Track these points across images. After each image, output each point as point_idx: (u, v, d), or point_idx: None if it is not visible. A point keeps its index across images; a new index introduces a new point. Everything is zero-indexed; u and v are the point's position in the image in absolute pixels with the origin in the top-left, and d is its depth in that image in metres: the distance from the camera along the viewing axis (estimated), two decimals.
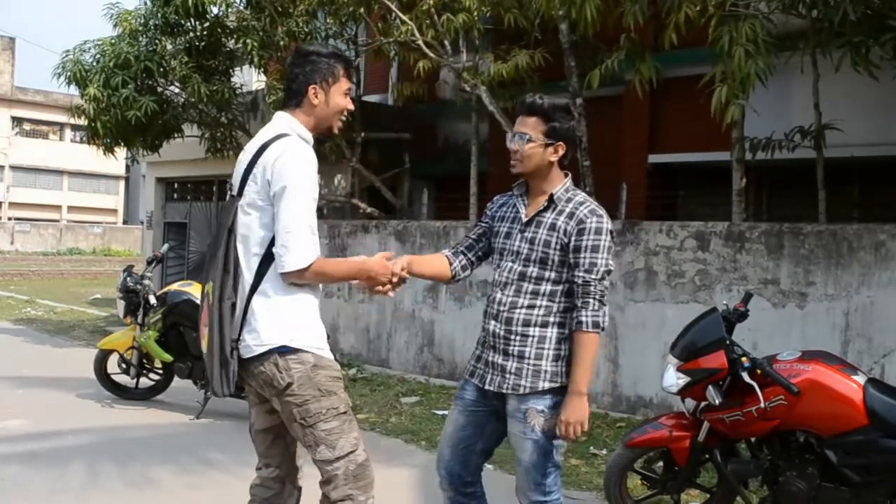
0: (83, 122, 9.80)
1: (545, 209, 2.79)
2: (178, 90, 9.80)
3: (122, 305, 6.79)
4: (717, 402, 3.58)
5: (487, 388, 2.80)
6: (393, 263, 2.78)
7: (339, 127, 2.82)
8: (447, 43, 8.66)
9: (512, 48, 8.41)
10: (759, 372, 3.50)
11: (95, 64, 9.28)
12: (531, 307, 2.75)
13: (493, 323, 2.81)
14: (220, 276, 2.60)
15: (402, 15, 8.72)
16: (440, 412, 6.46)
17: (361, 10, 9.17)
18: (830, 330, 5.57)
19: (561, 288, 2.74)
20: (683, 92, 7.51)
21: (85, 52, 9.50)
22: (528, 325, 2.74)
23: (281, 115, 2.74)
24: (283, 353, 2.57)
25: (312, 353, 2.61)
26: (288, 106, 2.74)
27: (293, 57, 2.75)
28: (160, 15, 9.09)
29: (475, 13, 8.33)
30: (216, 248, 2.65)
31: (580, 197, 2.81)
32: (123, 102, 8.95)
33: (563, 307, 2.75)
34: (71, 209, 44.72)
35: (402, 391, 7.42)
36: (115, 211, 46.75)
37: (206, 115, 10.06)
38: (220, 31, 9.51)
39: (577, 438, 2.68)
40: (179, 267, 13.41)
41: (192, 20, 9.27)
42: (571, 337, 2.72)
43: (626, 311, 6.61)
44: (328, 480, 2.63)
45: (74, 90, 9.68)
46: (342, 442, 2.62)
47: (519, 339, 2.75)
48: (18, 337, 10.52)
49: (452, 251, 3.02)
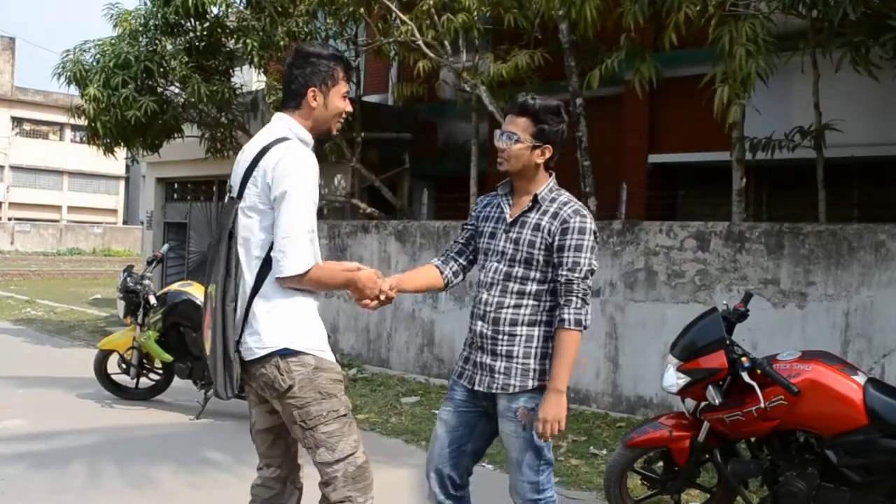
0: (83, 122, 9.81)
1: (529, 209, 2.81)
2: (178, 90, 9.80)
3: (122, 305, 6.78)
4: (717, 402, 3.58)
5: (477, 388, 2.82)
6: (382, 281, 2.77)
7: (337, 128, 2.82)
8: (447, 43, 8.67)
9: (512, 48, 8.41)
10: (759, 372, 3.50)
11: (95, 64, 9.28)
12: (518, 307, 2.77)
13: (480, 323, 2.82)
14: (222, 278, 2.60)
15: (402, 15, 8.73)
16: None
17: (361, 10, 9.18)
18: (830, 330, 5.57)
19: (546, 287, 2.76)
20: (683, 92, 7.52)
21: (85, 52, 9.51)
22: (515, 324, 2.76)
23: (280, 116, 2.74)
24: (284, 355, 2.57)
25: (314, 355, 2.61)
26: (287, 107, 2.73)
27: (293, 57, 2.74)
28: (160, 15, 9.09)
29: (475, 13, 8.34)
30: (218, 250, 2.66)
31: (564, 197, 2.83)
32: (123, 102, 8.95)
33: (549, 306, 2.77)
34: (71, 209, 44.72)
35: (402, 391, 7.42)
36: (115, 211, 46.74)
37: (206, 115, 10.06)
38: (220, 31, 9.51)
39: (554, 436, 2.70)
40: (179, 267, 13.40)
41: (192, 20, 9.27)
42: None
43: (626, 311, 6.61)
44: (327, 482, 2.63)
45: (74, 90, 9.69)
46: (342, 444, 2.62)
47: (507, 338, 2.77)
48: (18, 337, 10.52)
49: (442, 259, 3.04)
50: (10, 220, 39.99)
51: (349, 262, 3.02)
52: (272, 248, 2.56)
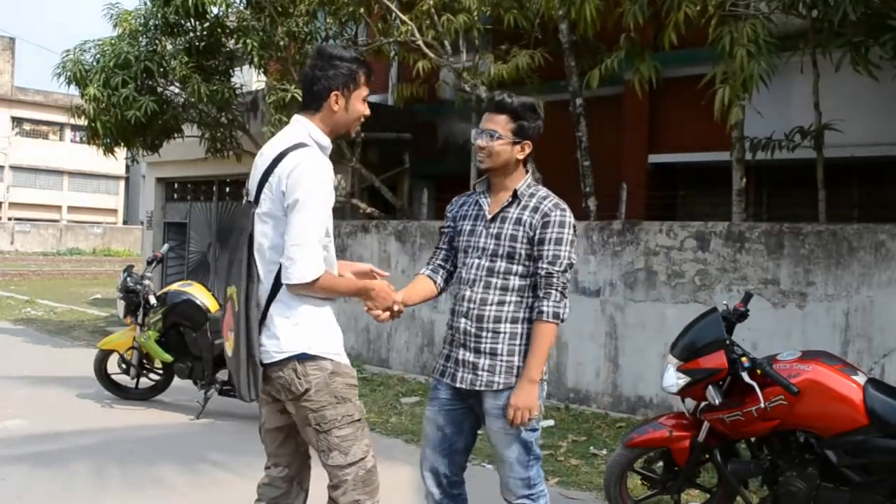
0: (83, 122, 9.81)
1: (509, 204, 2.84)
2: (178, 90, 9.80)
3: (122, 305, 6.78)
4: (717, 402, 3.58)
5: (459, 385, 2.83)
6: (396, 293, 2.80)
7: (356, 132, 2.81)
8: (447, 43, 8.66)
9: (512, 48, 8.41)
10: (759, 372, 3.50)
11: (95, 64, 9.29)
12: (501, 303, 2.79)
13: (463, 321, 2.83)
14: (244, 282, 2.60)
15: (402, 15, 8.73)
16: None
17: (361, 10, 9.17)
18: (830, 330, 5.57)
19: (529, 282, 2.79)
20: (683, 92, 7.52)
21: (85, 52, 9.51)
22: (499, 321, 2.78)
23: (300, 119, 2.71)
24: (302, 359, 2.58)
25: (331, 359, 2.62)
26: (307, 110, 2.70)
27: (315, 59, 2.71)
28: (160, 15, 9.09)
29: (475, 13, 8.34)
30: (237, 252, 2.66)
31: (543, 192, 2.87)
32: (123, 102, 8.95)
33: (531, 303, 2.79)
34: (71, 209, 44.72)
35: (402, 391, 7.42)
36: (115, 211, 46.74)
37: (206, 115, 10.06)
38: (220, 31, 9.51)
39: (523, 424, 2.73)
40: (179, 267, 13.40)
41: (192, 20, 9.27)
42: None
43: (626, 311, 6.62)
44: (337, 485, 2.65)
45: (74, 90, 9.69)
46: (355, 448, 2.64)
47: (491, 335, 2.78)
48: (18, 337, 10.52)
49: (431, 269, 3.06)
50: (10, 220, 40.00)
51: (362, 263, 3.04)
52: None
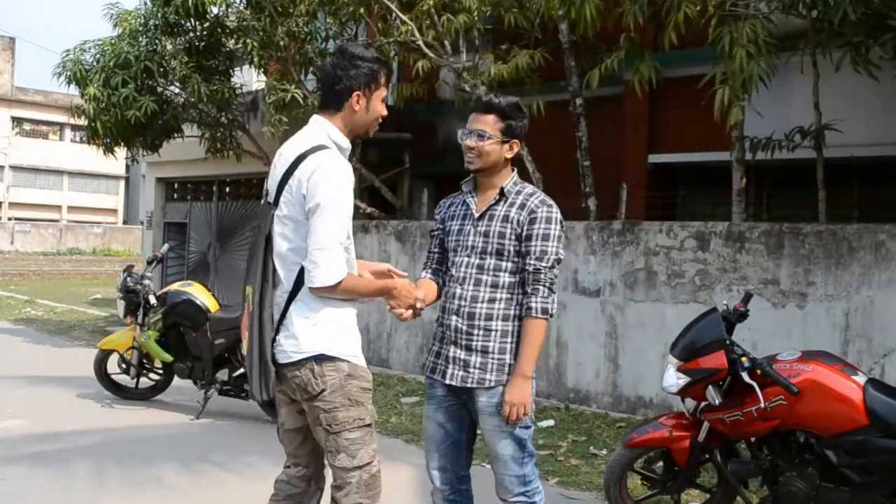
0: (83, 122, 9.82)
1: (497, 202, 2.86)
2: (178, 90, 9.80)
3: (122, 305, 6.78)
4: (717, 402, 3.58)
5: (449, 382, 2.84)
6: (418, 290, 2.82)
7: (374, 132, 2.81)
8: (447, 43, 8.66)
9: (512, 48, 8.40)
10: (759, 372, 3.50)
11: (95, 64, 9.29)
12: (492, 301, 2.80)
13: (454, 318, 2.84)
14: (259, 283, 2.61)
15: (402, 15, 8.72)
16: None
17: (361, 10, 9.17)
18: (830, 330, 5.57)
19: (519, 279, 2.80)
20: (683, 92, 7.51)
21: (85, 52, 9.52)
22: (490, 319, 2.79)
23: (319, 120, 2.70)
24: (319, 360, 2.58)
25: (348, 361, 2.63)
26: (327, 109, 2.69)
27: (337, 58, 2.70)
28: (160, 15, 9.09)
29: (475, 13, 8.33)
30: (254, 253, 2.66)
31: (529, 189, 2.89)
32: (123, 102, 8.96)
33: (522, 300, 2.80)
34: (71, 209, 44.72)
35: (402, 391, 7.42)
36: (115, 211, 46.75)
37: (206, 115, 10.06)
38: (220, 31, 9.51)
39: (518, 421, 2.74)
40: (179, 267, 13.41)
41: (192, 20, 9.27)
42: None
43: (626, 311, 6.62)
44: (340, 486, 2.65)
45: (74, 90, 9.70)
46: (363, 452, 2.64)
47: (482, 333, 2.79)
48: (18, 337, 10.52)
49: (431, 272, 3.06)
50: (10, 219, 40.01)
51: (380, 263, 3.04)
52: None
